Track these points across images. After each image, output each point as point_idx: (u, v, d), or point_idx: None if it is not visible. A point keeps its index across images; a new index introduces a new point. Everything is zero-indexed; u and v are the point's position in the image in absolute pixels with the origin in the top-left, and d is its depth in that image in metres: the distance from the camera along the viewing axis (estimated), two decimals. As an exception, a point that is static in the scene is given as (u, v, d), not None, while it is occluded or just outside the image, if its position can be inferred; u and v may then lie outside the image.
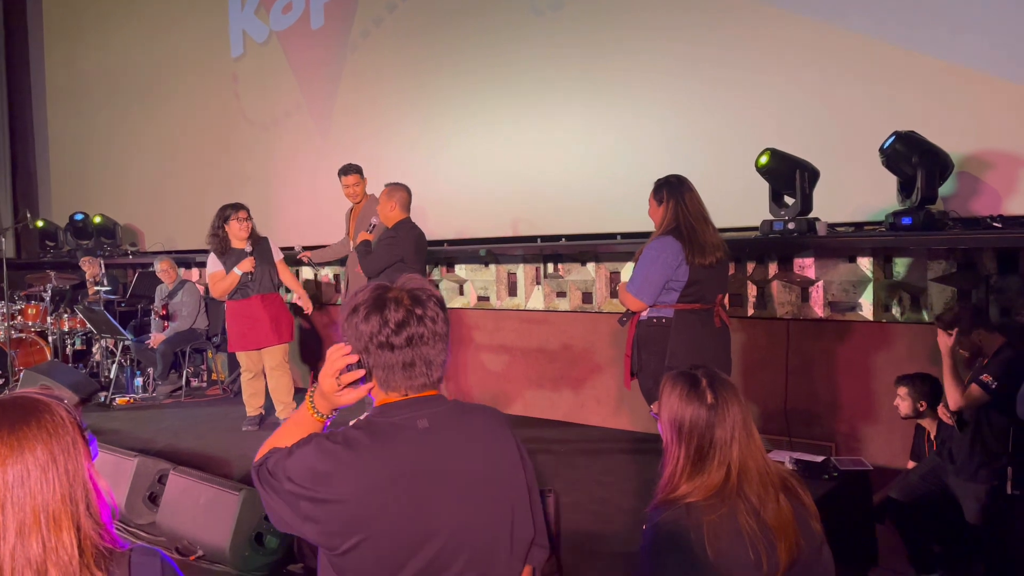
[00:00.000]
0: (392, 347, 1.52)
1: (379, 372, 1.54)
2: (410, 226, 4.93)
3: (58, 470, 1.27)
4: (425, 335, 1.53)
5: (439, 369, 1.57)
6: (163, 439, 5.25)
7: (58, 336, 7.07)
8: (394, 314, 1.52)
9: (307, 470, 1.47)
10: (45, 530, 1.24)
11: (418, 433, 1.52)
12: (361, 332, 1.53)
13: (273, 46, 7.50)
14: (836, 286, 4.41)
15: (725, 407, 1.76)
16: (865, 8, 4.28)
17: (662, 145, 5.11)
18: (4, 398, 1.33)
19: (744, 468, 1.74)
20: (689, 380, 1.81)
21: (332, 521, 1.46)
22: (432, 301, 1.56)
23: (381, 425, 1.52)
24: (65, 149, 10.03)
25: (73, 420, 1.33)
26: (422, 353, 1.54)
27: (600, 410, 5.37)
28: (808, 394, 4.49)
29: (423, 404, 1.55)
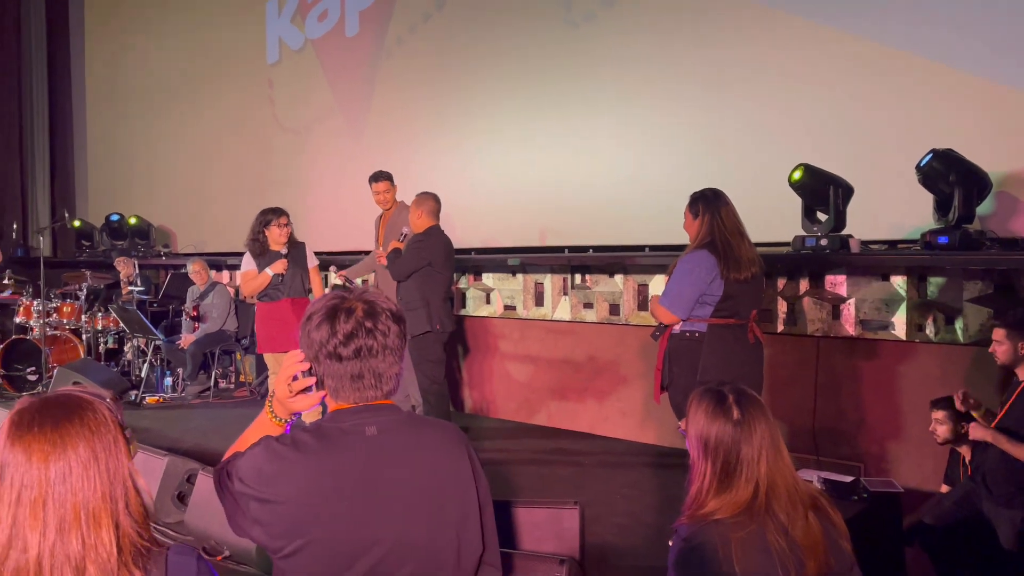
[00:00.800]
0: (340, 358, 1.51)
1: (329, 381, 1.54)
2: (438, 233, 5.02)
3: (99, 467, 1.28)
4: (375, 348, 1.52)
5: (390, 382, 1.56)
6: (191, 439, 5.32)
7: (91, 334, 7.19)
8: (344, 325, 1.51)
9: (255, 470, 1.48)
10: (85, 527, 1.25)
11: (365, 440, 1.51)
12: (312, 340, 1.53)
13: (308, 53, 7.59)
14: (868, 304, 4.36)
15: (752, 424, 1.75)
16: (904, 24, 4.23)
17: (693, 157, 5.09)
18: (49, 396, 1.35)
19: (772, 485, 1.73)
20: (715, 396, 1.80)
21: (277, 523, 1.46)
22: (385, 314, 1.55)
23: (329, 430, 1.52)
24: (103, 151, 10.23)
25: (115, 419, 1.34)
26: (371, 366, 1.52)
27: (625, 423, 5.35)
28: (837, 413, 4.44)
29: (374, 412, 1.54)
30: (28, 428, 1.27)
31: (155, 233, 8.91)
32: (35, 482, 1.25)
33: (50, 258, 7.82)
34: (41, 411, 1.29)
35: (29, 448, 1.26)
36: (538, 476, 4.49)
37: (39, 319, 6.76)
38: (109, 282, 7.89)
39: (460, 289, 6.23)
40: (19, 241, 9.94)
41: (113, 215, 8.75)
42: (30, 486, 1.25)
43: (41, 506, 1.24)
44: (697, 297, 3.31)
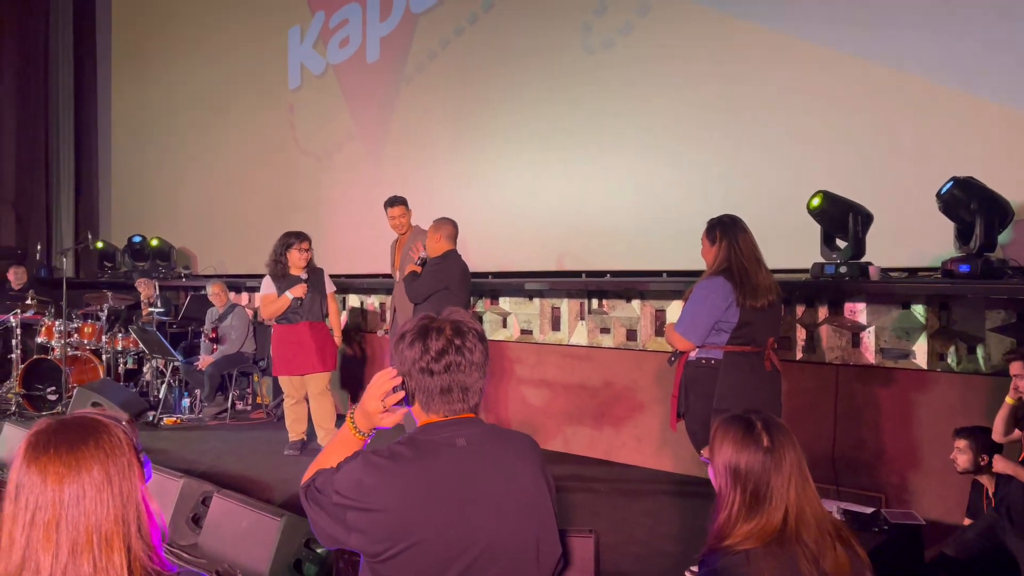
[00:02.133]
0: (431, 372, 1.65)
1: (420, 395, 1.68)
2: (455, 257, 5.08)
3: (113, 491, 1.29)
4: (463, 364, 1.66)
5: (475, 396, 1.70)
6: (207, 460, 5.33)
7: (111, 355, 7.25)
8: (435, 343, 1.65)
9: (354, 482, 1.59)
10: (97, 550, 1.26)
11: (457, 451, 1.64)
12: (405, 357, 1.68)
13: (329, 78, 7.69)
14: (888, 332, 4.31)
15: (781, 451, 1.72)
16: (923, 51, 4.23)
17: (711, 183, 5.09)
18: (65, 418, 1.36)
19: (801, 514, 1.70)
20: (743, 424, 1.77)
21: (377, 530, 1.56)
22: (472, 333, 1.69)
23: (423, 442, 1.65)
24: (127, 174, 10.38)
25: (130, 442, 1.35)
26: (459, 380, 1.66)
27: (642, 449, 5.30)
28: (857, 442, 4.38)
29: (462, 425, 1.68)
30: (44, 450, 1.28)
31: (176, 255, 9.01)
32: (49, 504, 1.26)
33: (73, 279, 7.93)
34: (57, 433, 1.31)
35: (44, 470, 1.27)
36: (553, 503, 4.45)
37: (60, 339, 6.84)
38: (130, 303, 7.97)
39: (477, 313, 6.23)
40: (43, 262, 10.08)
41: (135, 237, 8.86)
42: (44, 508, 1.26)
43: (55, 528, 1.25)
44: (713, 324, 3.28)
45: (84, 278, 10.05)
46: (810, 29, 4.63)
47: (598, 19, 5.68)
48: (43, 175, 10.85)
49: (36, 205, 10.83)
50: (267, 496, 4.42)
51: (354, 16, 7.38)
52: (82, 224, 10.73)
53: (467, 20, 6.51)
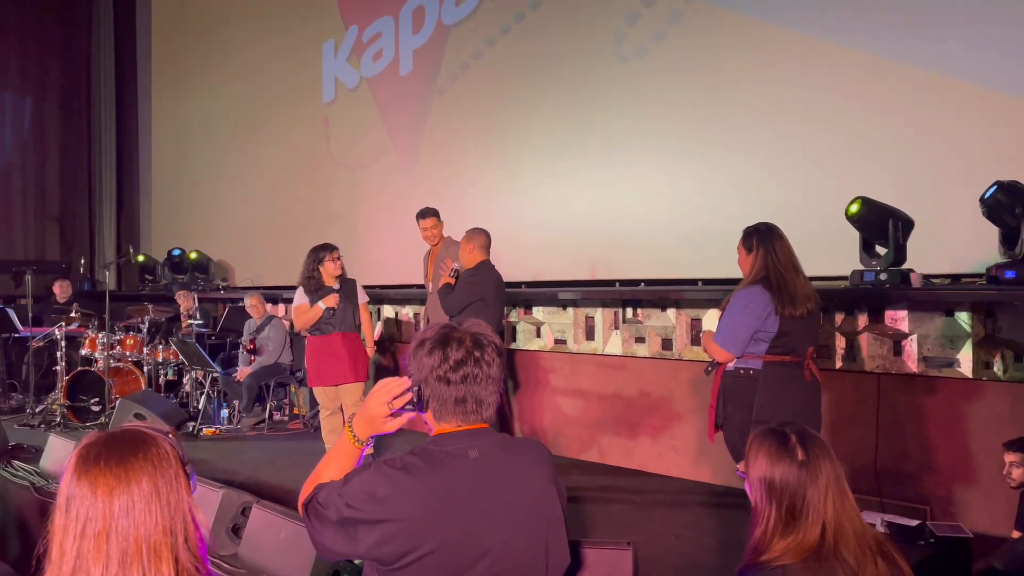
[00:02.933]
0: (448, 382, 1.66)
1: (434, 403, 1.68)
2: (489, 267, 5.07)
3: (161, 502, 1.31)
4: (480, 376, 1.67)
5: (489, 408, 1.70)
6: (245, 471, 5.39)
7: (152, 366, 7.38)
8: (455, 353, 1.66)
9: (367, 494, 1.59)
10: (146, 560, 1.28)
11: (469, 462, 1.65)
12: (423, 364, 1.68)
13: (363, 91, 7.77)
14: (931, 340, 4.22)
15: (817, 464, 1.69)
16: (965, 54, 4.15)
17: (746, 190, 5.04)
18: (114, 431, 1.39)
19: (840, 528, 1.66)
20: (778, 437, 1.75)
21: (389, 541, 1.57)
22: (491, 347, 1.70)
23: (436, 453, 1.65)
24: (166, 189, 10.59)
25: (176, 454, 1.38)
26: (474, 392, 1.67)
27: (679, 460, 5.25)
28: (900, 453, 4.28)
29: (474, 436, 1.68)
30: (94, 463, 1.31)
31: (214, 267, 9.16)
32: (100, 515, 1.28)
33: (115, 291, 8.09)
34: (107, 446, 1.33)
35: (95, 482, 1.29)
36: (589, 514, 4.43)
37: (103, 351, 6.97)
38: (170, 315, 8.12)
39: (510, 323, 6.23)
40: (86, 275, 10.32)
41: (175, 250, 9.02)
42: (95, 519, 1.28)
43: (105, 539, 1.27)
44: (751, 334, 3.24)
45: (126, 291, 10.26)
46: (847, 33, 4.58)
47: (630, 28, 5.67)
48: (86, 191, 11.13)
49: (80, 220, 11.10)
50: (305, 506, 4.45)
51: (387, 29, 7.46)
52: (124, 238, 10.97)
53: (499, 31, 6.55)
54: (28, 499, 4.57)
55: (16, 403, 8.04)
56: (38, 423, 6.87)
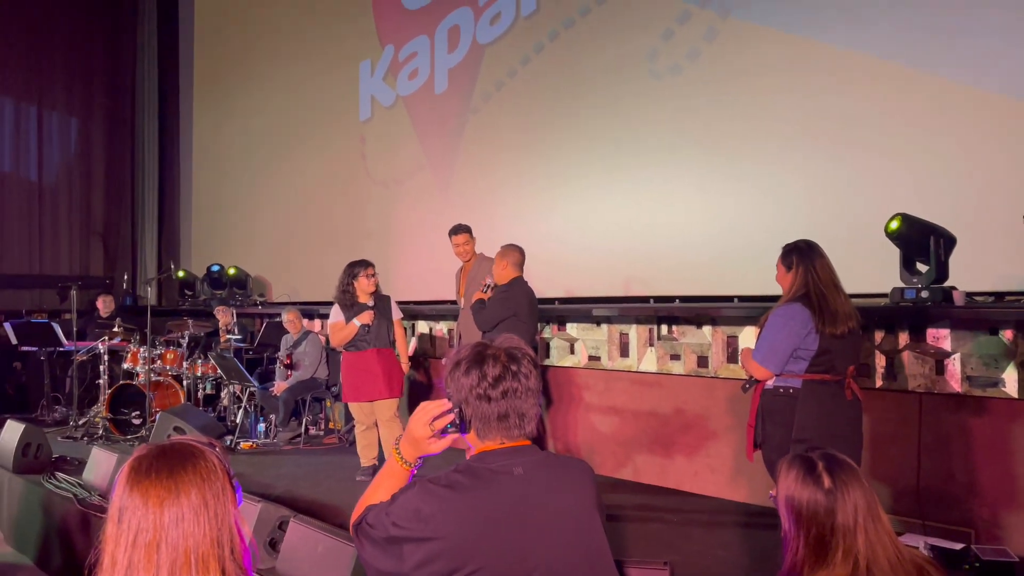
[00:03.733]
0: (489, 399, 1.66)
1: (477, 423, 1.68)
2: (522, 284, 5.13)
3: (209, 514, 1.35)
4: (519, 390, 1.68)
5: (531, 422, 1.71)
6: (282, 485, 5.44)
7: (191, 380, 7.50)
8: (492, 369, 1.67)
9: (412, 511, 1.60)
10: (194, 571, 1.31)
11: (514, 479, 1.65)
12: (462, 385, 1.69)
13: (399, 109, 7.87)
14: (975, 359, 4.13)
15: (844, 491, 1.67)
16: (1004, 69, 4.09)
17: (782, 206, 5.00)
18: (164, 444, 1.43)
19: (873, 559, 1.64)
20: (805, 463, 1.74)
21: (435, 558, 1.57)
22: (526, 359, 1.71)
23: (480, 471, 1.66)
24: (206, 206, 10.80)
25: (223, 467, 1.42)
26: (516, 406, 1.67)
27: (715, 479, 5.19)
28: (944, 474, 4.19)
29: (518, 453, 1.69)
30: (146, 474, 1.35)
31: (252, 283, 9.30)
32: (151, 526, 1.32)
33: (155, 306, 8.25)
34: (158, 458, 1.38)
35: (146, 493, 1.33)
36: (626, 533, 4.39)
37: (145, 365, 7.11)
38: (209, 330, 8.25)
39: (544, 339, 6.23)
40: (129, 290, 10.54)
41: (214, 265, 9.18)
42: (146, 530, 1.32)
43: (155, 549, 1.31)
44: (791, 351, 3.21)
45: (166, 306, 10.45)
46: (886, 47, 4.54)
47: (664, 44, 5.68)
48: (129, 208, 11.39)
49: (123, 237, 11.36)
50: (341, 521, 4.48)
51: (423, 49, 7.55)
52: (165, 254, 11.19)
53: (533, 49, 6.59)
54: (71, 511, 4.66)
55: (60, 416, 8.21)
56: (81, 436, 7.02)
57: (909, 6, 4.45)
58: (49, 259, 10.57)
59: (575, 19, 6.27)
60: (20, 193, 10.43)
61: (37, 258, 10.48)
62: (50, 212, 10.66)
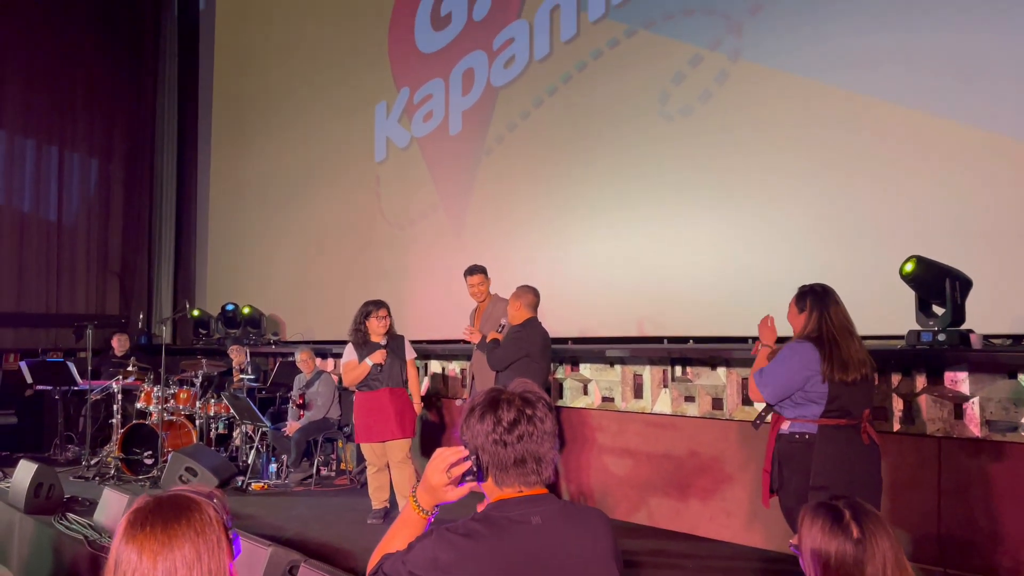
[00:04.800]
0: (505, 444, 1.65)
1: (494, 469, 1.67)
2: (536, 324, 5.16)
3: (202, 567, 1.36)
4: (535, 433, 1.67)
5: (549, 467, 1.70)
6: (293, 527, 5.40)
7: (204, 420, 7.49)
8: (507, 414, 1.66)
9: (430, 560, 1.58)
10: None
11: (532, 528, 1.64)
12: (477, 431, 1.68)
13: (413, 151, 7.96)
14: (994, 403, 4.07)
15: (873, 541, 1.64)
16: (1017, 112, 4.10)
17: (795, 247, 5.00)
18: (162, 496, 1.45)
19: None
20: (831, 513, 1.70)
21: None
22: (541, 403, 1.71)
23: (498, 519, 1.64)
24: (222, 244, 10.90)
25: (220, 520, 1.43)
26: (532, 450, 1.67)
27: (730, 524, 5.11)
28: (965, 520, 4.11)
29: (536, 502, 1.67)
30: (141, 527, 1.37)
31: (266, 322, 9.34)
32: None
33: (170, 345, 8.30)
34: (153, 511, 1.40)
35: (141, 546, 1.35)
36: (639, 579, 4.32)
37: (158, 405, 7.12)
38: (222, 369, 8.26)
39: (557, 379, 6.21)
40: (143, 329, 10.61)
41: (228, 304, 9.24)
42: None
43: None
44: (789, 385, 3.20)
45: (180, 345, 10.50)
46: (897, 91, 4.56)
47: (676, 87, 5.74)
48: (146, 247, 11.52)
49: (139, 276, 11.47)
50: (351, 565, 4.44)
51: (437, 91, 7.66)
52: (180, 293, 11.27)
53: (546, 92, 6.68)
54: (81, 552, 4.65)
55: (72, 455, 8.22)
56: (92, 475, 7.01)
57: (919, 50, 4.49)
58: (66, 298, 10.68)
59: (587, 62, 6.36)
60: (39, 233, 10.59)
61: (54, 297, 10.60)
62: (68, 252, 10.80)
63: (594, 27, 6.29)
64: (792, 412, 3.22)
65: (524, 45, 6.83)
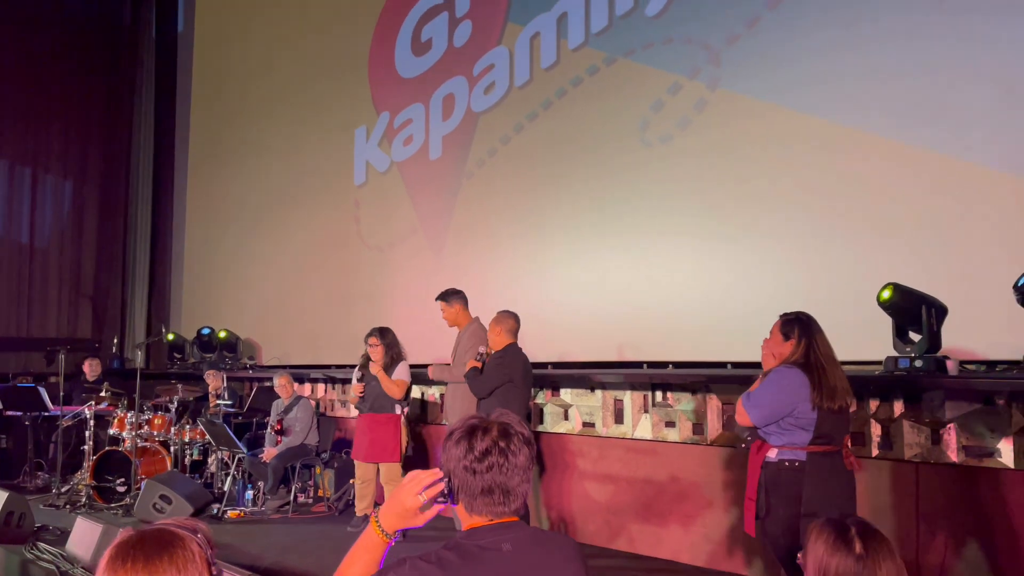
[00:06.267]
0: (475, 472, 1.67)
1: (463, 495, 1.69)
2: (516, 350, 5.17)
3: None
4: (505, 466, 1.67)
5: (518, 499, 1.70)
6: (270, 556, 5.32)
7: (179, 446, 7.37)
8: (480, 443, 1.68)
9: None
10: None
11: (503, 555, 1.65)
12: (451, 455, 1.71)
13: (393, 175, 7.97)
14: (970, 429, 4.13)
15: (876, 559, 1.66)
16: (993, 140, 4.20)
17: (774, 273, 5.05)
18: (145, 531, 1.44)
19: None
20: (837, 528, 1.73)
21: None
22: (518, 436, 1.71)
23: (469, 547, 1.65)
24: (198, 268, 10.79)
25: (203, 555, 1.43)
26: (501, 482, 1.67)
27: (711, 550, 5.11)
28: (944, 545, 4.14)
29: (506, 529, 1.69)
30: (123, 562, 1.37)
31: (242, 346, 9.24)
32: None
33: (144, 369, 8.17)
34: (135, 546, 1.39)
35: None
36: (621, 607, 4.30)
37: (132, 431, 7.00)
38: (198, 395, 8.15)
39: (538, 404, 6.20)
40: (117, 354, 10.45)
41: (204, 328, 9.14)
42: None
43: None
44: (777, 409, 3.22)
45: (154, 369, 10.34)
46: (871, 120, 4.65)
47: (655, 115, 5.81)
48: (120, 271, 11.37)
49: (112, 299, 11.30)
50: (330, 596, 4.37)
51: (418, 116, 7.69)
52: (154, 317, 11.12)
53: (526, 118, 6.72)
54: (53, 584, 4.53)
55: (42, 482, 8.04)
56: (63, 503, 6.85)
57: (895, 80, 4.58)
58: (37, 322, 10.50)
59: (567, 89, 6.41)
60: (10, 256, 10.42)
61: (25, 321, 10.41)
62: (40, 274, 10.63)
63: (574, 54, 6.36)
64: (779, 439, 3.24)
65: (504, 71, 6.88)
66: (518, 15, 6.82)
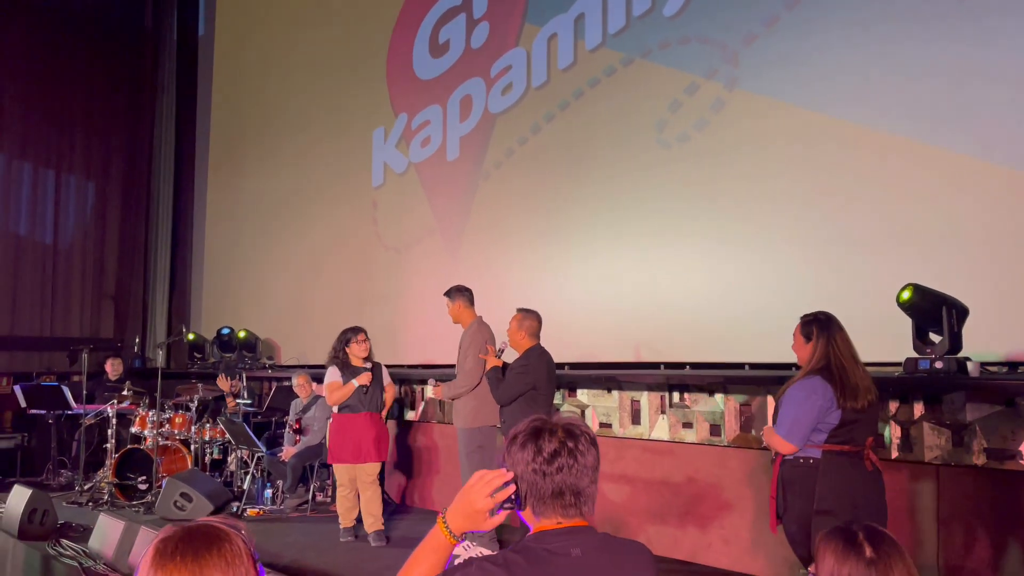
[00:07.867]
0: (544, 475, 1.63)
1: (531, 499, 1.65)
2: (540, 352, 5.05)
3: None
4: (575, 467, 1.64)
5: (588, 501, 1.67)
6: (289, 554, 5.36)
7: (199, 445, 7.44)
8: (548, 444, 1.64)
9: None
10: None
11: (571, 560, 1.61)
12: (517, 459, 1.67)
13: (411, 176, 8.00)
14: (992, 431, 4.09)
15: (888, 563, 1.64)
16: (1012, 142, 4.15)
17: (792, 274, 5.02)
18: (190, 526, 1.43)
19: None
20: (845, 535, 1.70)
21: None
22: (584, 437, 1.68)
23: (537, 551, 1.62)
24: (218, 269, 10.89)
25: (248, 552, 1.42)
26: (571, 483, 1.64)
27: (728, 551, 5.09)
28: (965, 548, 4.10)
29: (576, 533, 1.65)
30: (171, 557, 1.35)
31: (261, 346, 9.31)
32: None
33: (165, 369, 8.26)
34: (183, 540, 1.38)
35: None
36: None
37: (153, 429, 7.07)
38: (218, 394, 8.22)
39: (555, 405, 6.19)
40: (138, 353, 10.56)
41: (224, 328, 9.21)
42: None
43: None
44: (813, 425, 3.20)
45: (175, 368, 10.44)
46: (890, 120, 4.62)
47: (672, 115, 5.80)
48: (142, 271, 11.50)
49: (134, 299, 11.43)
50: (348, 594, 4.40)
51: (435, 118, 7.71)
52: (175, 317, 11.24)
53: (543, 118, 6.73)
54: (76, 580, 4.60)
55: (65, 480, 8.15)
56: (86, 501, 6.94)
57: (914, 81, 4.55)
58: (60, 321, 10.63)
59: (584, 90, 6.42)
60: (34, 256, 10.56)
61: (48, 320, 10.55)
62: (63, 275, 10.77)
63: (591, 55, 6.36)
64: (800, 440, 3.23)
65: (522, 73, 6.89)
66: (535, 16, 6.83)
